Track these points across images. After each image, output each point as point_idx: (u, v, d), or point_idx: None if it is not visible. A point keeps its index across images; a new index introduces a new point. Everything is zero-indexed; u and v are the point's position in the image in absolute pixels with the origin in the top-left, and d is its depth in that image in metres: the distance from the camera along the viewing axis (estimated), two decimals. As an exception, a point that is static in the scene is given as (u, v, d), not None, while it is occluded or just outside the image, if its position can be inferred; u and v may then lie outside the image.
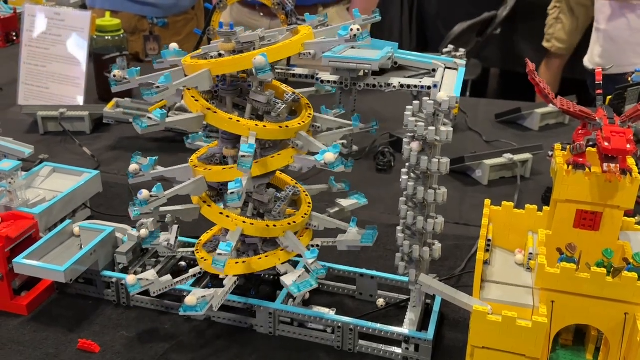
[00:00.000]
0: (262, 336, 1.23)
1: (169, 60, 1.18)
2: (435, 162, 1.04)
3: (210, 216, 1.17)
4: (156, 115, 1.06)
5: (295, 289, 1.09)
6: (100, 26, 2.33)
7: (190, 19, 3.02)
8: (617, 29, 2.69)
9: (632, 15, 2.63)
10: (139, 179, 1.18)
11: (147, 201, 1.10)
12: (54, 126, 2.12)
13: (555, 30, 3.51)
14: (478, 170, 1.85)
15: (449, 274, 1.43)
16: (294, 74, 1.15)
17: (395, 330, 1.16)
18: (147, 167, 1.17)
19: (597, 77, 1.11)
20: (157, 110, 1.06)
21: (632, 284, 0.96)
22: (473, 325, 1.02)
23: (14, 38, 3.09)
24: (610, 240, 1.06)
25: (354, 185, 1.35)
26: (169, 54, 1.18)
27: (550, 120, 2.24)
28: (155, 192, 1.11)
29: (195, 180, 1.15)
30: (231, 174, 1.11)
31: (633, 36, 2.65)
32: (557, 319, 1.02)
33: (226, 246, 1.07)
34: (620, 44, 2.70)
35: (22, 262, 1.23)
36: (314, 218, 1.22)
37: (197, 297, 1.11)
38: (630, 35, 2.66)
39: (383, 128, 2.07)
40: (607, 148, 0.96)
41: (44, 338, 1.22)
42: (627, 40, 2.67)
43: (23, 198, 1.43)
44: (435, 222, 1.09)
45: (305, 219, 1.20)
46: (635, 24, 2.64)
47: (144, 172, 1.17)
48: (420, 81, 1.06)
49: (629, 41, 2.67)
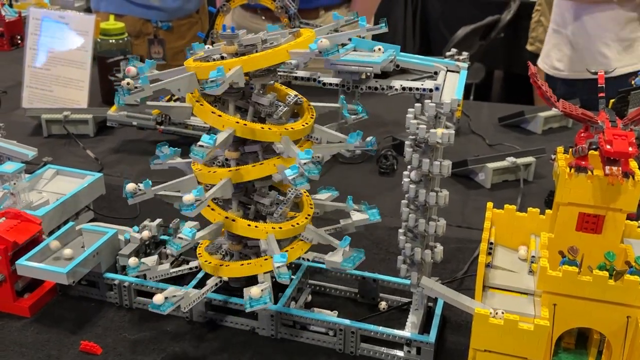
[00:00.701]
0: (263, 339, 1.23)
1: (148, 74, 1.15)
2: (437, 164, 1.04)
3: (238, 231, 1.16)
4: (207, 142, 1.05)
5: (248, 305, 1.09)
6: (104, 29, 2.33)
7: (195, 23, 3.03)
8: (577, 35, 2.67)
9: (591, 21, 2.61)
10: (139, 198, 1.18)
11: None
12: (58, 129, 2.12)
13: (538, 33, 3.53)
14: (481, 174, 1.85)
15: (451, 277, 1.43)
16: (296, 76, 1.15)
17: (397, 333, 1.16)
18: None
19: (599, 80, 1.11)
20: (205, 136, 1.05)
21: (634, 287, 0.96)
22: (475, 328, 1.02)
23: (19, 41, 3.10)
24: (612, 243, 1.05)
25: (356, 188, 1.35)
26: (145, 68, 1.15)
27: (554, 123, 2.24)
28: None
29: (223, 184, 1.14)
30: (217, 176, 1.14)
31: (591, 42, 2.64)
32: (559, 322, 1.02)
33: (281, 257, 1.07)
34: (579, 49, 2.69)
35: (25, 264, 1.24)
36: (308, 230, 1.20)
37: (167, 297, 1.11)
38: (588, 41, 2.64)
39: (386, 131, 2.09)
40: (609, 151, 0.96)
41: (46, 340, 1.22)
42: (585, 46, 2.66)
43: (26, 200, 1.44)
44: (437, 225, 1.09)
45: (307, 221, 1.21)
46: (593, 31, 2.62)
47: (145, 190, 1.18)
48: (422, 84, 1.06)
49: (587, 47, 2.65)
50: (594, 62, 2.63)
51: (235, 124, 1.10)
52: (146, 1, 2.84)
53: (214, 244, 1.26)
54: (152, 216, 1.44)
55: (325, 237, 1.20)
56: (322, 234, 1.20)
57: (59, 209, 1.45)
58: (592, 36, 2.61)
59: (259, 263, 1.15)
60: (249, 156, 1.18)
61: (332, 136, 1.19)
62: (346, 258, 1.13)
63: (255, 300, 1.09)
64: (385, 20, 1.17)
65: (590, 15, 2.59)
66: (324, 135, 1.19)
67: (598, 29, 2.59)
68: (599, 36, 2.60)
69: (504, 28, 4.02)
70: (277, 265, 1.07)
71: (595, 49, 2.62)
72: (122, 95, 1.07)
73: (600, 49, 2.61)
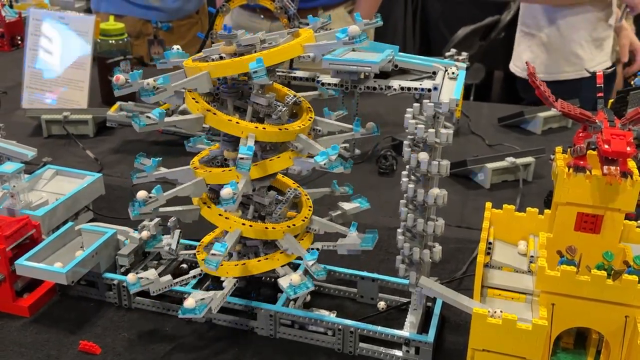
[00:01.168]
0: (262, 338, 1.24)
1: (172, 61, 1.19)
2: (435, 164, 1.04)
3: (209, 217, 1.18)
4: (155, 115, 1.06)
5: (292, 292, 1.09)
6: (104, 30, 2.34)
7: (195, 23, 3.03)
8: (551, 37, 2.70)
9: (565, 24, 2.64)
10: (142, 180, 1.19)
11: (145, 202, 1.10)
12: (58, 129, 2.13)
13: None
14: (480, 174, 1.85)
15: (451, 277, 1.43)
16: (295, 76, 1.16)
17: (396, 333, 1.16)
18: (150, 168, 1.18)
19: (598, 80, 1.11)
20: (157, 109, 1.07)
21: (632, 286, 0.96)
22: (473, 327, 1.02)
23: (19, 42, 3.11)
24: (611, 243, 1.06)
25: (356, 188, 1.35)
26: (172, 55, 1.19)
27: (553, 124, 2.24)
28: (155, 194, 1.11)
29: (195, 182, 1.15)
30: (230, 176, 1.12)
31: (564, 44, 2.67)
32: (558, 322, 1.02)
33: (221, 246, 1.08)
34: (553, 51, 2.71)
35: (24, 264, 1.24)
36: (314, 222, 1.23)
37: (196, 300, 1.11)
38: (561, 43, 2.67)
39: (385, 131, 2.09)
40: (607, 150, 0.96)
41: (46, 340, 1.22)
42: (558, 48, 2.69)
43: (26, 200, 1.44)
44: (436, 225, 1.09)
45: (305, 222, 1.21)
46: (567, 32, 2.65)
47: (147, 173, 1.18)
48: (420, 84, 1.06)
49: (561, 49, 2.68)
50: (567, 63, 2.69)
51: (254, 129, 1.10)
52: (146, 2, 2.85)
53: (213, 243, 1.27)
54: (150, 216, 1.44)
55: (332, 225, 1.22)
56: (328, 223, 1.23)
57: (58, 209, 1.45)
58: (566, 38, 2.66)
59: (250, 264, 1.16)
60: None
61: (335, 126, 1.21)
62: (363, 238, 1.15)
63: (298, 286, 1.09)
64: (380, 15, 1.17)
65: (563, 17, 2.64)
66: (326, 126, 1.21)
67: (571, 30, 2.64)
68: (573, 37, 2.65)
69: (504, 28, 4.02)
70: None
71: (569, 50, 2.67)
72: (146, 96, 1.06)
73: (574, 50, 2.66)
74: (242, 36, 1.12)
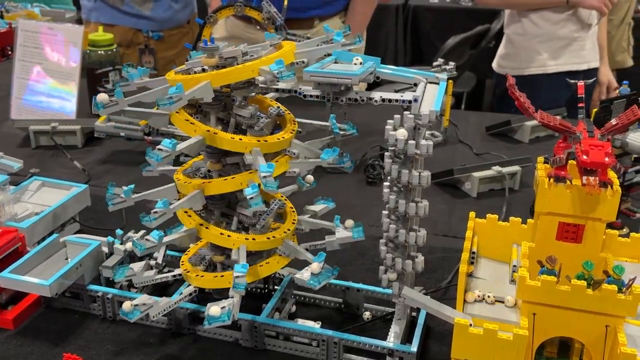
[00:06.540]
0: (247, 350, 1.23)
1: (136, 82, 1.17)
2: (415, 175, 1.04)
3: (209, 239, 1.18)
4: (167, 146, 1.06)
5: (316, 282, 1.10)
6: (93, 40, 2.34)
7: (186, 33, 3.04)
8: (515, 33, 2.84)
9: (526, 19, 2.77)
10: (119, 206, 1.17)
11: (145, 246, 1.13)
12: (46, 140, 2.12)
13: None
14: (467, 183, 1.86)
15: (436, 286, 1.43)
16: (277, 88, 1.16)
17: (380, 344, 1.16)
18: (128, 192, 1.16)
19: (579, 90, 1.11)
20: (166, 140, 1.06)
21: (612, 296, 0.96)
22: (455, 337, 1.02)
23: (9, 52, 3.11)
24: (592, 252, 1.06)
25: (344, 197, 1.35)
26: (136, 75, 1.17)
27: (540, 132, 2.25)
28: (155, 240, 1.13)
29: (192, 196, 1.14)
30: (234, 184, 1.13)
31: (527, 40, 2.80)
32: (539, 332, 1.02)
33: (242, 267, 1.09)
34: (517, 47, 2.85)
35: (7, 277, 1.23)
36: (285, 245, 1.21)
37: (136, 304, 1.12)
38: (524, 39, 2.80)
39: (373, 141, 2.09)
40: (585, 161, 0.97)
41: (29, 352, 1.22)
42: (522, 44, 2.82)
43: (11, 212, 1.44)
44: (418, 235, 1.09)
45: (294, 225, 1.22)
46: (529, 29, 2.77)
47: (125, 198, 1.17)
48: (402, 95, 1.06)
49: (524, 45, 2.81)
50: (530, 59, 2.81)
51: (205, 132, 1.10)
52: (137, 11, 2.85)
53: (198, 254, 1.26)
54: (138, 227, 1.44)
55: (301, 252, 1.20)
56: (298, 249, 1.20)
57: (43, 220, 1.44)
58: (528, 34, 2.79)
59: (230, 277, 1.13)
60: (231, 168, 1.18)
61: (309, 152, 1.20)
62: (314, 276, 1.11)
63: (321, 274, 1.10)
64: (360, 36, 1.18)
65: (525, 14, 2.77)
66: (302, 150, 1.19)
67: (533, 27, 2.76)
68: (534, 34, 2.77)
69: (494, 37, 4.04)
70: (237, 274, 1.08)
71: (531, 47, 2.79)
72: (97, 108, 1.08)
73: (535, 47, 2.78)
74: (224, 48, 1.12)
